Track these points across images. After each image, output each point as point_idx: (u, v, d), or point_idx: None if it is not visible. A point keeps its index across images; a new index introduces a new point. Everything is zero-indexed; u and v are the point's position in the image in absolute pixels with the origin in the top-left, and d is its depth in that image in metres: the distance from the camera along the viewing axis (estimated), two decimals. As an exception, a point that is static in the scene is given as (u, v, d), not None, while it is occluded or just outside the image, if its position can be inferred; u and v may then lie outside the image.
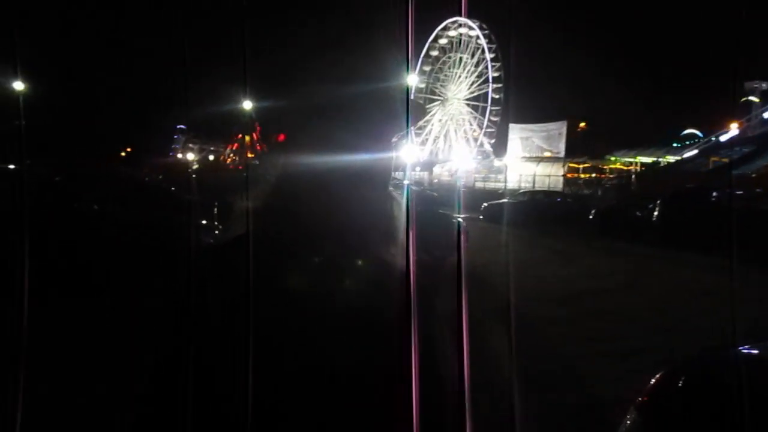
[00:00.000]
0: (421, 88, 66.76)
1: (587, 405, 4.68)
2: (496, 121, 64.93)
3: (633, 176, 43.30)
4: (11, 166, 8.95)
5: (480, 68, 64.31)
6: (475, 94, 66.05)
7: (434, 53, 66.48)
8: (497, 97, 63.90)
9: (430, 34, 65.13)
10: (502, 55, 61.52)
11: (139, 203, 9.61)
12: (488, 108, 64.87)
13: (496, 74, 62.99)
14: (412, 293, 1.49)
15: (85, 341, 5.67)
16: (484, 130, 66.10)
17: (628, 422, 2.00)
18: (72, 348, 5.60)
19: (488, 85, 63.81)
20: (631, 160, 51.14)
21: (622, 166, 52.08)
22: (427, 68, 66.60)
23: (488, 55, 62.79)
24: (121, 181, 14.57)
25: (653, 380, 2.04)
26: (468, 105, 67.39)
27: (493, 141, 66.06)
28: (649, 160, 49.41)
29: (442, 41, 66.26)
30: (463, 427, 1.91)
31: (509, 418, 4.17)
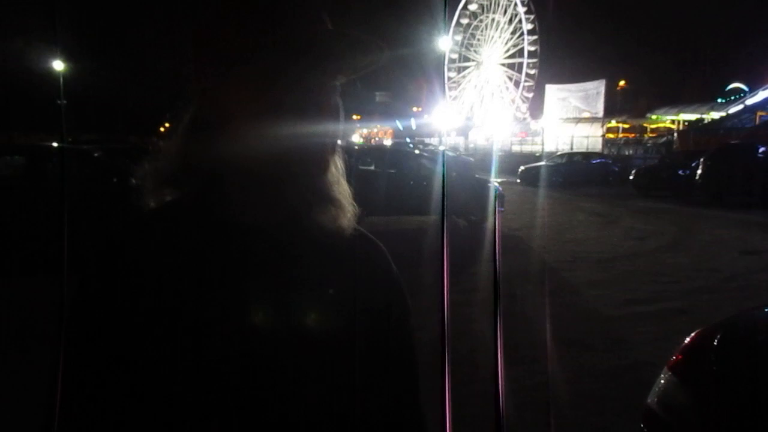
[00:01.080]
0: (457, 41, 65.82)
1: (625, 366, 4.67)
2: (533, 75, 63.71)
3: (675, 134, 42.13)
4: (54, 144, 9.21)
5: (513, 24, 63.03)
6: (510, 53, 64.88)
7: (472, 7, 65.31)
8: (533, 50, 62.61)
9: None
10: (536, 13, 60.16)
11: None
12: (524, 70, 63.69)
13: (530, 27, 61.62)
14: (445, 260, 1.49)
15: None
16: (519, 92, 65.01)
17: (662, 381, 2.00)
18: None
19: (523, 43, 62.57)
20: (674, 117, 49.69)
21: (664, 125, 50.68)
22: (464, 22, 65.58)
23: (525, 24, 61.44)
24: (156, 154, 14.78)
25: (687, 340, 2.02)
26: (503, 67, 66.23)
27: (528, 103, 64.98)
28: (692, 117, 47.95)
29: (472, 6, 65.01)
30: (496, 385, 1.94)
31: (542, 379, 4.20)
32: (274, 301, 0.80)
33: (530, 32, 61.40)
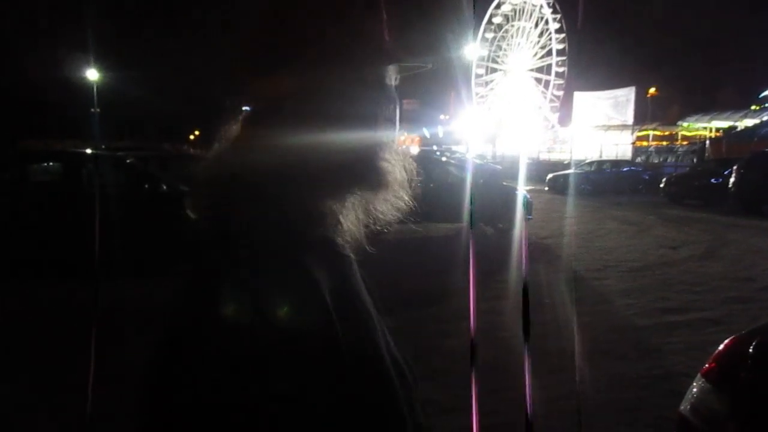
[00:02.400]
0: (483, 57, 65.65)
1: (657, 376, 4.59)
2: (559, 96, 63.33)
3: (707, 142, 41.41)
4: (88, 150, 9.41)
5: (543, 40, 62.75)
6: (539, 56, 64.50)
7: (497, 20, 65.13)
8: (561, 69, 62.27)
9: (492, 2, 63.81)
10: (566, 20, 59.80)
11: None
12: (552, 69, 63.24)
13: (560, 47, 61.31)
14: (471, 267, 1.49)
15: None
16: (548, 99, 64.57)
17: (695, 389, 1.97)
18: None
19: (551, 44, 62.18)
20: (706, 125, 48.83)
21: (695, 132, 49.85)
22: (489, 36, 65.39)
23: (552, 23, 61.12)
24: (188, 161, 15.04)
25: (721, 347, 1.99)
26: (531, 74, 65.88)
27: (557, 110, 64.50)
28: (725, 124, 47.07)
29: (505, 8, 64.80)
30: (525, 393, 1.93)
31: (572, 388, 4.15)
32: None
33: (557, 31, 60.98)
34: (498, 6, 64.60)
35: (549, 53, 62.67)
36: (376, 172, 0.80)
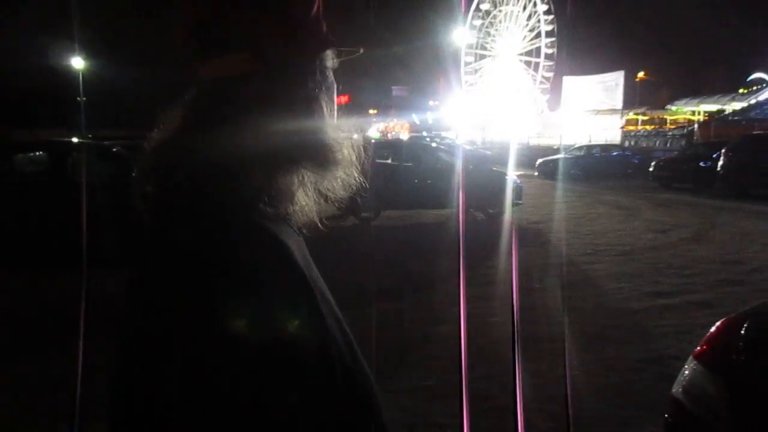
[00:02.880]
0: (472, 44, 65.48)
1: (648, 359, 4.61)
2: (548, 78, 63.32)
3: (696, 126, 41.58)
4: (74, 140, 9.30)
5: (532, 22, 62.59)
6: (528, 49, 64.40)
7: (484, 6, 64.86)
8: (550, 51, 62.20)
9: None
10: (554, 2, 59.64)
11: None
12: (542, 58, 63.20)
13: (548, 28, 61.19)
14: (461, 252, 1.48)
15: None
16: (538, 81, 64.55)
17: (687, 371, 1.96)
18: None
19: (539, 26, 62.06)
20: (694, 109, 49.04)
21: (684, 116, 50.04)
22: (477, 23, 65.15)
23: (540, 5, 60.95)
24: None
25: (713, 329, 1.98)
26: (520, 58, 65.77)
27: (548, 92, 64.50)
28: (713, 108, 47.29)
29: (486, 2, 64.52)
30: (515, 378, 1.91)
31: (563, 372, 4.15)
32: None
33: (546, 12, 60.86)
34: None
35: (538, 36, 62.53)
36: (323, 150, 0.83)
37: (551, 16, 60.62)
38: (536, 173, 26.24)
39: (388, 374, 4.07)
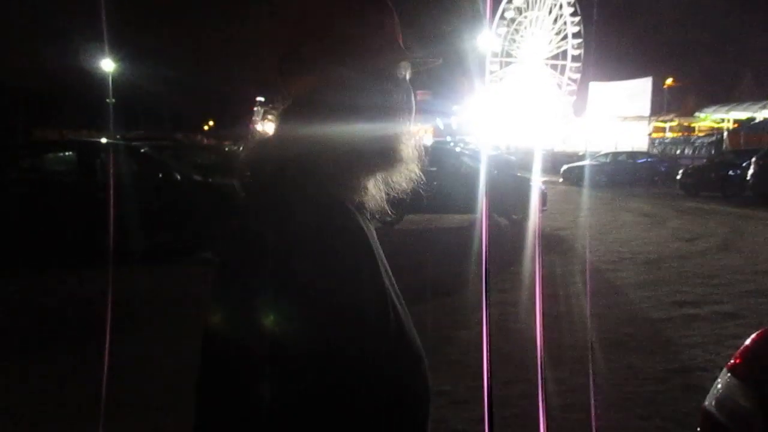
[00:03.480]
0: (497, 53, 65.26)
1: (672, 370, 4.53)
2: (575, 80, 62.77)
3: (725, 133, 40.90)
4: (103, 140, 9.46)
5: (558, 25, 62.15)
6: (554, 53, 63.94)
7: (509, 15, 64.59)
8: (577, 54, 61.69)
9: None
10: (582, 10, 59.22)
11: (218, 171, 9.98)
12: (567, 67, 62.73)
13: (575, 30, 60.73)
14: (484, 258, 1.48)
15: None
16: (563, 90, 64.03)
17: (720, 384, 1.91)
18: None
19: (567, 43, 61.62)
20: (724, 116, 48.21)
21: (713, 124, 49.24)
22: (502, 31, 64.88)
23: (566, 8, 60.54)
24: (201, 151, 15.08)
25: (748, 341, 1.94)
26: (546, 65, 65.33)
27: (575, 94, 63.93)
28: (743, 116, 46.45)
29: (517, 1, 64.21)
30: (539, 386, 1.89)
31: (586, 381, 4.11)
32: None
33: (572, 14, 60.42)
34: (510, 0, 64.04)
35: (564, 38, 62.01)
36: (397, 153, 0.95)
37: (578, 18, 60.12)
38: (561, 179, 26.05)
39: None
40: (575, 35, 61.20)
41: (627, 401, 3.93)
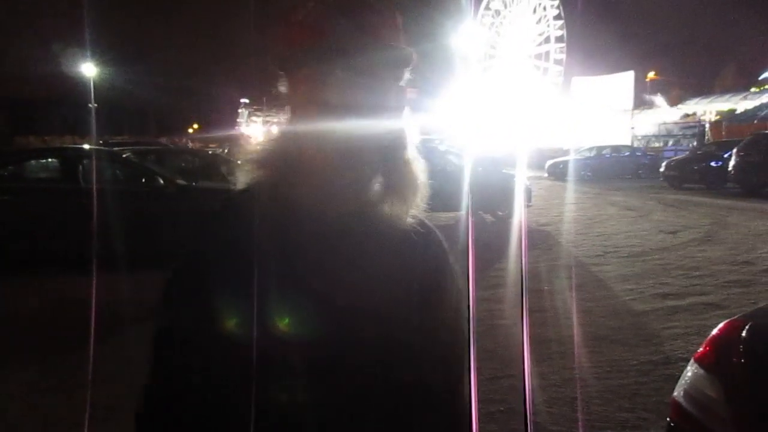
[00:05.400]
0: (480, 45, 65.33)
1: (656, 361, 4.59)
2: (561, 61, 62.97)
3: (707, 125, 41.29)
4: (86, 146, 9.40)
5: (540, 24, 62.42)
6: (537, 50, 64.18)
7: (495, 5, 64.73)
8: (560, 35, 61.92)
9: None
10: (564, 6, 59.49)
11: (203, 175, 9.94)
12: (551, 63, 63.01)
13: (558, 33, 61.02)
14: (470, 255, 1.50)
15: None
16: (546, 85, 64.29)
17: (689, 374, 1.95)
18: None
19: (549, 27, 61.87)
20: (705, 108, 48.65)
21: (695, 116, 49.67)
22: (487, 21, 65.00)
23: (549, 10, 60.81)
24: (185, 155, 15.00)
25: (715, 331, 1.98)
26: (529, 61, 65.56)
27: (556, 96, 64.22)
28: (725, 107, 46.88)
29: (495, 4, 64.37)
30: (524, 381, 1.92)
31: (571, 375, 4.15)
32: (336, 280, 0.91)
33: (555, 18, 60.71)
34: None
35: (547, 40, 62.33)
36: (398, 148, 0.97)
37: (561, 21, 60.41)
38: (546, 174, 26.18)
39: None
40: (558, 39, 61.53)
41: (611, 393, 3.98)
